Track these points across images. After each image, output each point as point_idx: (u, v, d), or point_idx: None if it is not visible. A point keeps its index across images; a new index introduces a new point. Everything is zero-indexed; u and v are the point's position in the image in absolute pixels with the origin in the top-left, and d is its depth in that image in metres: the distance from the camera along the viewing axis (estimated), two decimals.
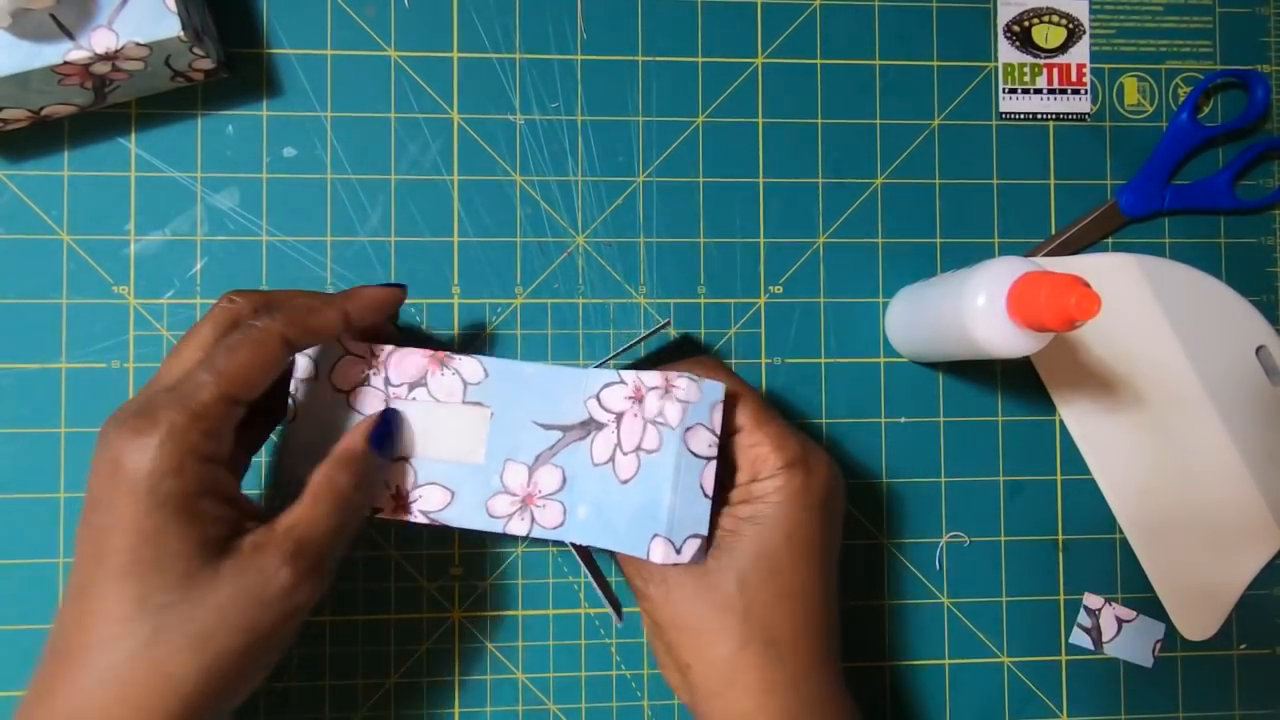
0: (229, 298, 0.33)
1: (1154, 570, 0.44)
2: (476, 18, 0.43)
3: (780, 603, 0.33)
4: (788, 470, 0.34)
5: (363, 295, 0.35)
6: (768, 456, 0.34)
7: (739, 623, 0.33)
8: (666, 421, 0.34)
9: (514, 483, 0.36)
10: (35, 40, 0.35)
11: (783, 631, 0.33)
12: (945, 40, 0.45)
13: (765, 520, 0.33)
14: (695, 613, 0.33)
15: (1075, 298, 0.31)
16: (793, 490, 0.33)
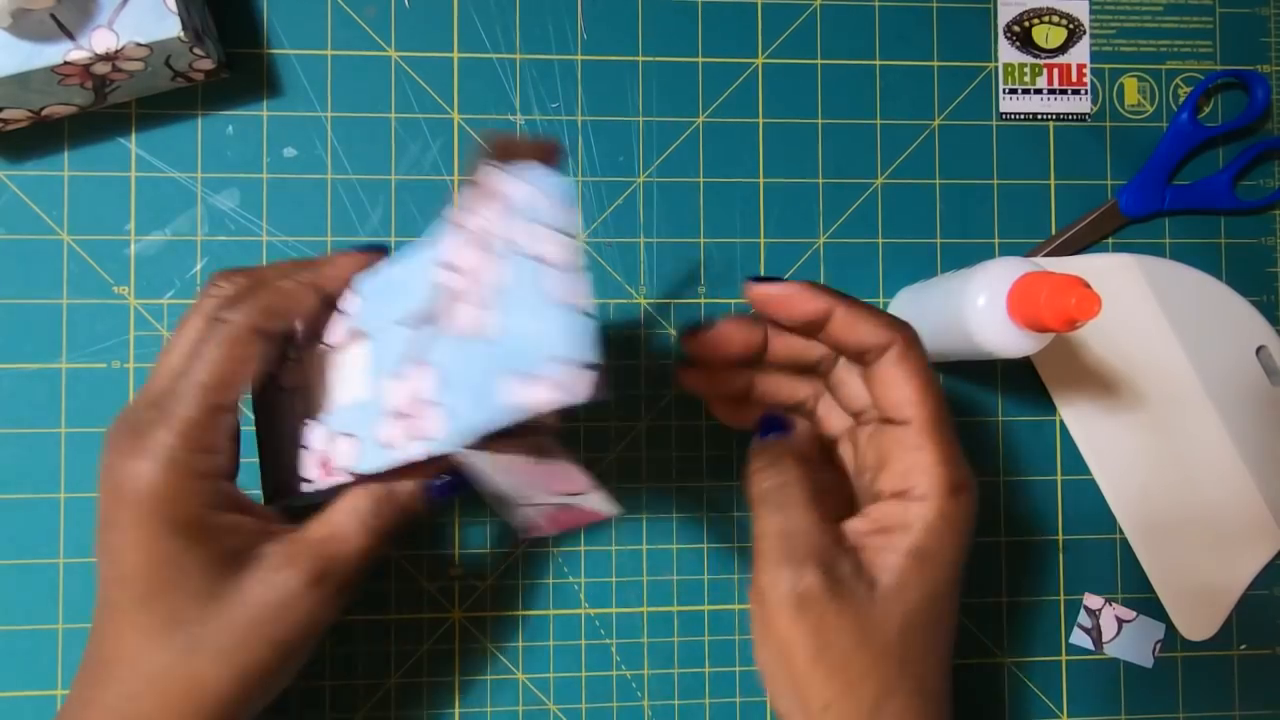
0: (215, 283, 0.32)
1: (1154, 570, 0.44)
2: (477, 18, 0.43)
3: (935, 650, 0.30)
4: (956, 498, 0.29)
5: (342, 262, 0.33)
6: (931, 470, 0.29)
7: (896, 669, 0.28)
8: (517, 245, 0.27)
9: (395, 402, 0.30)
10: (35, 40, 0.35)
11: (933, 682, 0.30)
12: (945, 40, 0.45)
13: (934, 558, 0.29)
14: (849, 654, 0.28)
15: (1075, 298, 0.31)
16: (959, 523, 0.29)
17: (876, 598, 0.28)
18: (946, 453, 0.29)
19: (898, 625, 0.28)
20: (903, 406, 0.30)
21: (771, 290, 0.31)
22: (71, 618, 0.40)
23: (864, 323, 0.30)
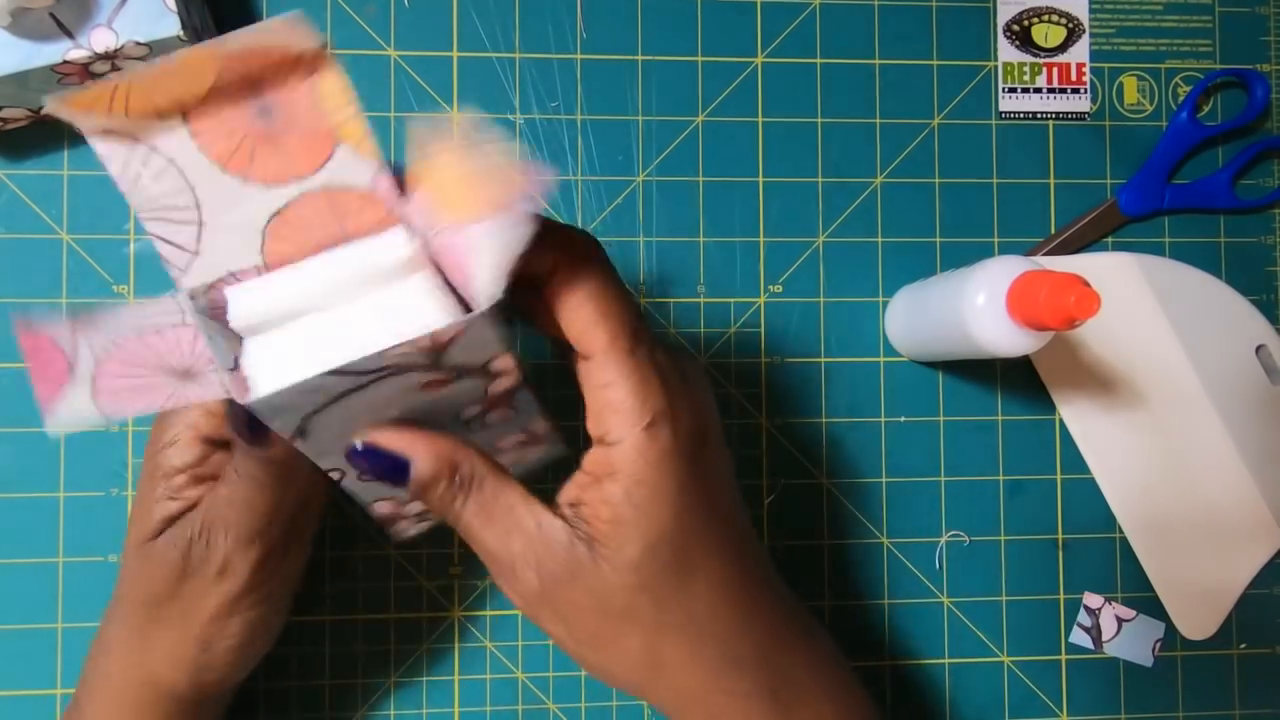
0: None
1: (1154, 570, 0.44)
2: (476, 17, 0.43)
3: (685, 582, 0.27)
4: (652, 432, 0.26)
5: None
6: (620, 408, 0.26)
7: (651, 616, 0.27)
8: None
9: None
10: (35, 39, 0.35)
11: (702, 609, 0.28)
12: (945, 40, 0.45)
13: (648, 502, 0.26)
14: (598, 626, 0.27)
15: (1075, 297, 0.31)
16: (666, 457, 0.26)
17: (600, 559, 0.26)
18: (634, 385, 0.26)
19: (631, 579, 0.26)
20: (582, 337, 0.26)
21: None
22: (71, 618, 0.40)
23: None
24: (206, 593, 0.31)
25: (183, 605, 0.31)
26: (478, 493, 0.27)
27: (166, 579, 0.31)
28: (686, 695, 0.28)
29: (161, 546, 0.31)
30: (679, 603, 0.27)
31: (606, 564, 0.26)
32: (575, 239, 0.26)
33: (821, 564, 0.43)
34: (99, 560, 0.40)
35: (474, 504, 0.27)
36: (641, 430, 0.26)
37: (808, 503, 0.43)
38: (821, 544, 0.43)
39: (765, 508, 0.43)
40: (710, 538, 0.28)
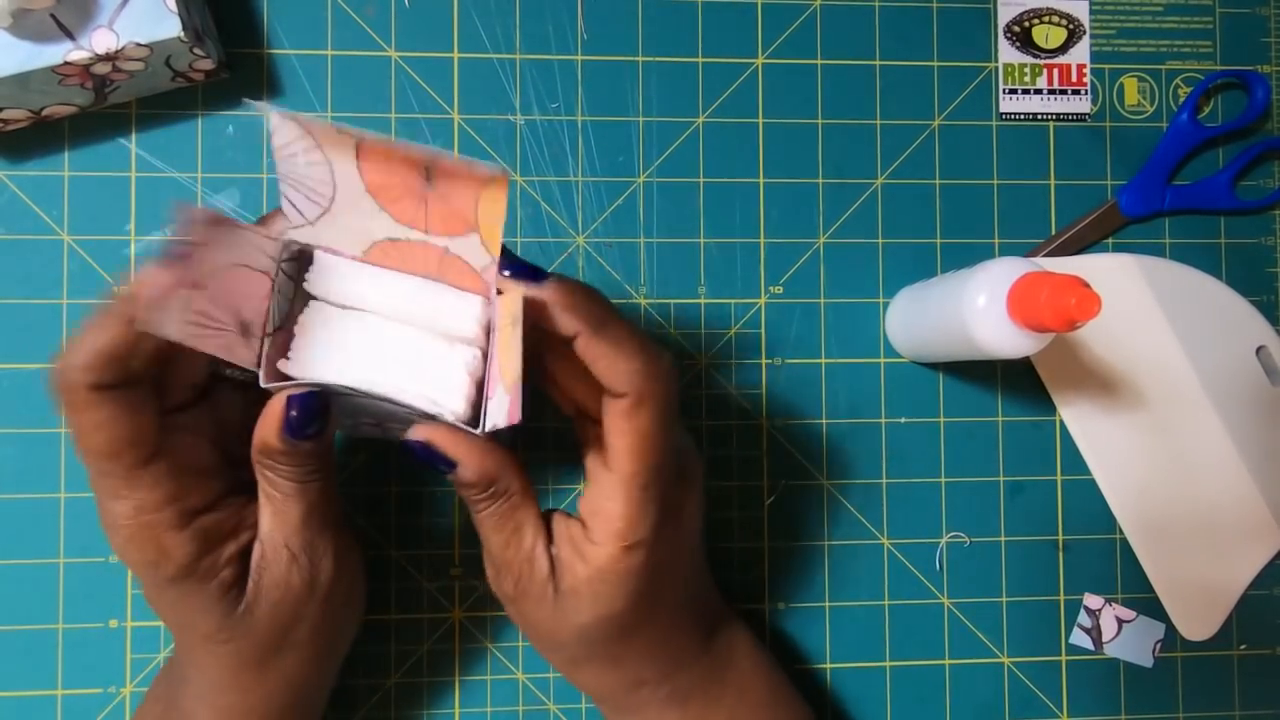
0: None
1: (1154, 570, 0.44)
2: (476, 18, 0.43)
3: (623, 643, 0.33)
4: (627, 555, 0.30)
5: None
6: (612, 522, 0.30)
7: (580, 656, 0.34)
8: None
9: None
10: (36, 40, 0.35)
11: (624, 654, 0.33)
12: (945, 40, 0.45)
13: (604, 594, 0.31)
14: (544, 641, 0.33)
15: (1075, 298, 0.31)
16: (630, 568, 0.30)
17: (559, 609, 0.31)
18: (633, 512, 0.29)
19: (574, 636, 0.32)
20: (613, 455, 0.30)
21: (528, 293, 0.28)
22: (71, 618, 0.40)
23: (604, 361, 0.28)
24: (330, 597, 0.32)
25: (310, 622, 0.32)
26: (502, 504, 0.31)
27: (284, 617, 0.31)
28: (598, 694, 0.36)
29: (259, 601, 0.30)
30: (608, 653, 0.33)
31: (562, 614, 0.31)
32: (651, 376, 0.29)
33: (821, 564, 0.43)
34: (99, 561, 0.40)
35: (495, 511, 0.31)
36: (621, 548, 0.30)
37: (808, 503, 0.43)
38: (821, 544, 0.43)
39: (765, 508, 0.43)
40: (653, 612, 0.32)
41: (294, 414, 0.28)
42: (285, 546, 0.30)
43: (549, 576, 0.31)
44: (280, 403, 0.28)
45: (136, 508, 0.28)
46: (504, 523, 0.31)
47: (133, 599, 0.40)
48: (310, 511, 0.30)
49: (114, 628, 0.40)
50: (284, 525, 0.30)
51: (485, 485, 0.30)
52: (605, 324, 0.28)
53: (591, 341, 0.28)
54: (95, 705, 0.40)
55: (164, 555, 0.29)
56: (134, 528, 0.28)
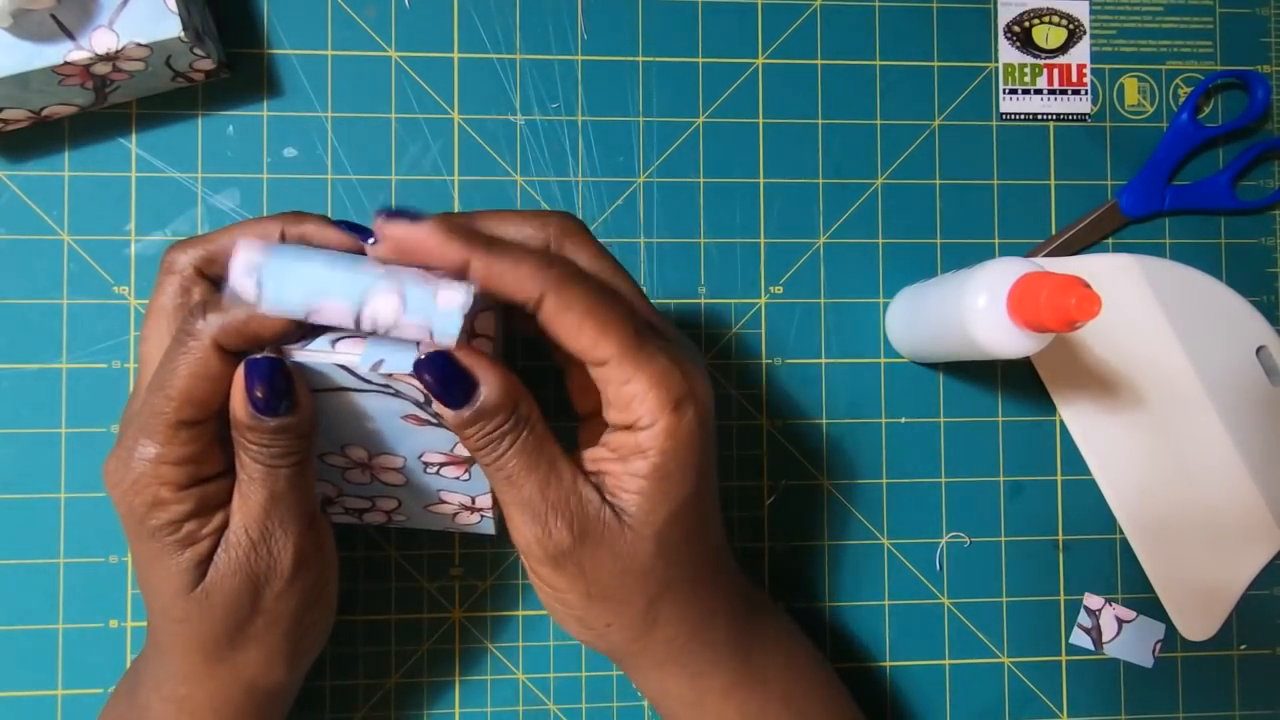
0: (170, 256, 0.31)
1: (1154, 570, 0.44)
2: (476, 18, 0.43)
3: (699, 542, 0.31)
4: (679, 413, 0.28)
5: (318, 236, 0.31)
6: (646, 397, 0.28)
7: (662, 576, 0.30)
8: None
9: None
10: (36, 40, 0.35)
11: (704, 570, 0.31)
12: (945, 40, 0.45)
13: (675, 474, 0.28)
14: (613, 584, 0.30)
15: (1075, 298, 0.31)
16: (688, 433, 0.28)
17: (626, 526, 0.29)
18: (655, 375, 0.27)
19: (652, 546, 0.29)
20: (590, 352, 0.27)
21: (399, 233, 0.26)
22: (71, 618, 0.40)
23: (507, 274, 0.26)
24: (287, 593, 0.31)
25: (266, 617, 0.31)
26: (529, 435, 0.28)
27: (240, 606, 0.30)
28: (671, 647, 0.32)
29: (216, 583, 0.30)
30: (688, 560, 0.30)
31: (632, 531, 0.29)
32: (546, 267, 0.27)
33: (821, 564, 0.43)
34: (99, 560, 0.40)
35: (522, 446, 0.28)
36: (671, 413, 0.28)
37: (808, 503, 0.43)
38: (821, 544, 0.43)
39: (765, 508, 0.43)
40: (712, 500, 0.31)
41: (258, 392, 0.27)
42: (245, 531, 0.29)
43: (603, 501, 0.28)
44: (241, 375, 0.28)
45: (158, 456, 0.28)
46: (537, 459, 0.28)
47: (133, 599, 0.40)
48: (273, 500, 0.29)
49: (114, 628, 0.40)
50: (246, 509, 0.29)
51: (510, 409, 0.27)
52: (491, 245, 0.26)
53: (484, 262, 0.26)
54: (95, 705, 0.40)
55: (158, 505, 0.28)
56: (145, 473, 0.28)
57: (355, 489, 0.36)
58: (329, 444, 0.33)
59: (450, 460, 0.33)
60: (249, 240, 0.27)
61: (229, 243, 0.31)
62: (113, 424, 0.40)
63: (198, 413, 0.28)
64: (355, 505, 0.37)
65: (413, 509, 0.37)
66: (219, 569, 0.29)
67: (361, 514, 0.37)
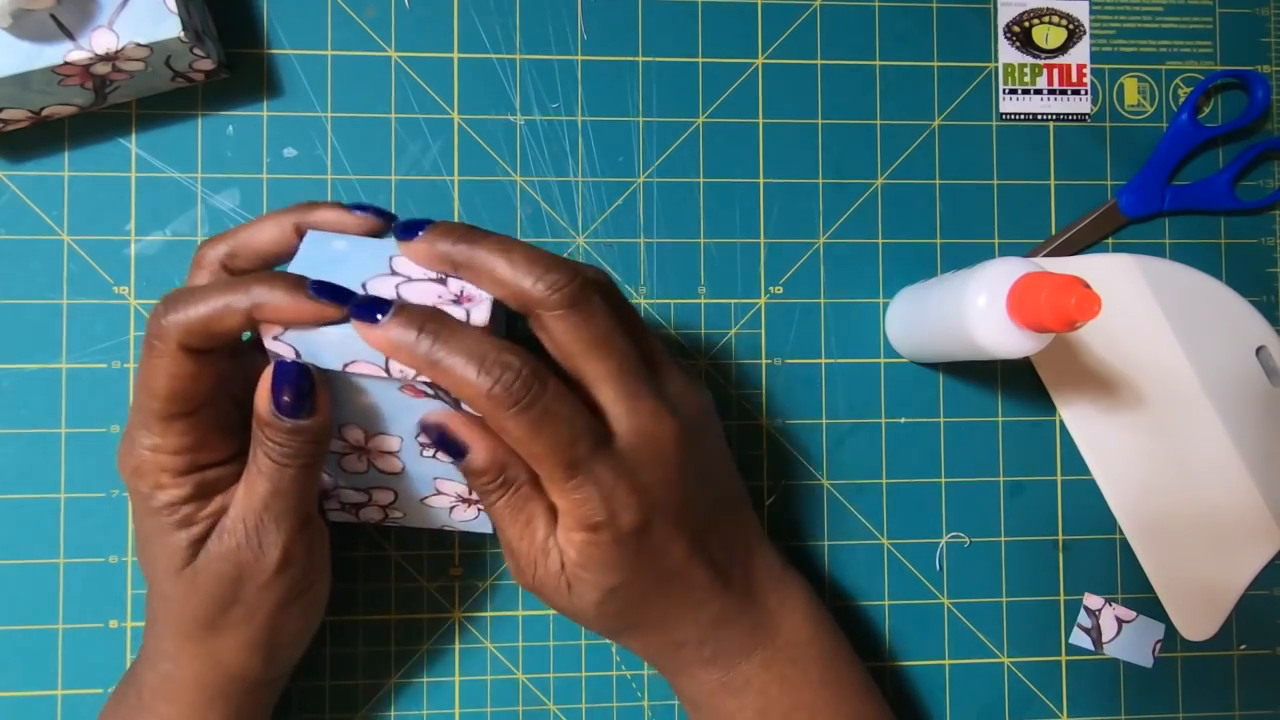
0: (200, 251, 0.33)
1: (1154, 570, 0.44)
2: (476, 18, 0.43)
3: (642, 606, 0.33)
4: (591, 535, 0.30)
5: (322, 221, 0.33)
6: (565, 517, 0.31)
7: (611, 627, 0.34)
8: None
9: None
10: (36, 41, 0.35)
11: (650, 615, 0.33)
12: (945, 40, 0.45)
13: (591, 575, 0.31)
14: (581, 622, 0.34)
15: (1075, 298, 0.31)
16: (603, 550, 0.31)
17: (572, 595, 0.32)
18: (572, 505, 0.30)
19: (593, 614, 0.32)
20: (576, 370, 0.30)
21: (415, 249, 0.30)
22: (71, 618, 0.40)
23: (450, 385, 0.28)
24: (270, 587, 0.32)
25: (246, 607, 0.32)
26: (513, 495, 0.31)
27: (222, 592, 0.31)
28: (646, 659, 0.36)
29: (205, 566, 0.31)
30: (631, 623, 0.33)
31: (578, 598, 0.32)
32: (485, 392, 0.28)
33: (821, 564, 0.43)
34: (99, 560, 0.40)
35: (506, 502, 0.31)
36: (585, 532, 0.30)
37: (808, 503, 0.43)
38: (821, 544, 0.43)
39: (765, 508, 0.43)
40: (663, 579, 0.32)
41: (285, 396, 0.29)
42: (242, 521, 0.31)
43: (560, 567, 0.31)
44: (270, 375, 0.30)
45: (155, 446, 0.30)
46: (517, 515, 0.31)
47: (133, 599, 0.40)
48: (275, 495, 0.30)
49: (114, 628, 0.40)
50: (248, 499, 0.31)
51: (496, 473, 0.30)
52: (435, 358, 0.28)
53: (431, 374, 0.28)
54: (95, 705, 0.40)
55: (159, 488, 0.30)
56: (146, 460, 0.30)
57: (351, 480, 0.35)
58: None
59: None
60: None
61: (249, 236, 0.32)
62: (113, 424, 0.40)
63: (185, 405, 0.30)
64: (351, 499, 0.36)
65: (409, 502, 0.36)
66: (210, 553, 0.31)
67: (358, 509, 0.37)
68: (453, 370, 0.28)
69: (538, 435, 0.29)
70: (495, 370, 0.28)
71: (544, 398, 0.28)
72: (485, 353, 0.28)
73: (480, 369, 0.28)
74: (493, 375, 0.28)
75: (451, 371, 0.28)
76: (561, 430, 0.29)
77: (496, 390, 0.28)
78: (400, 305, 0.28)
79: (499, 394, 0.28)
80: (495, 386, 0.28)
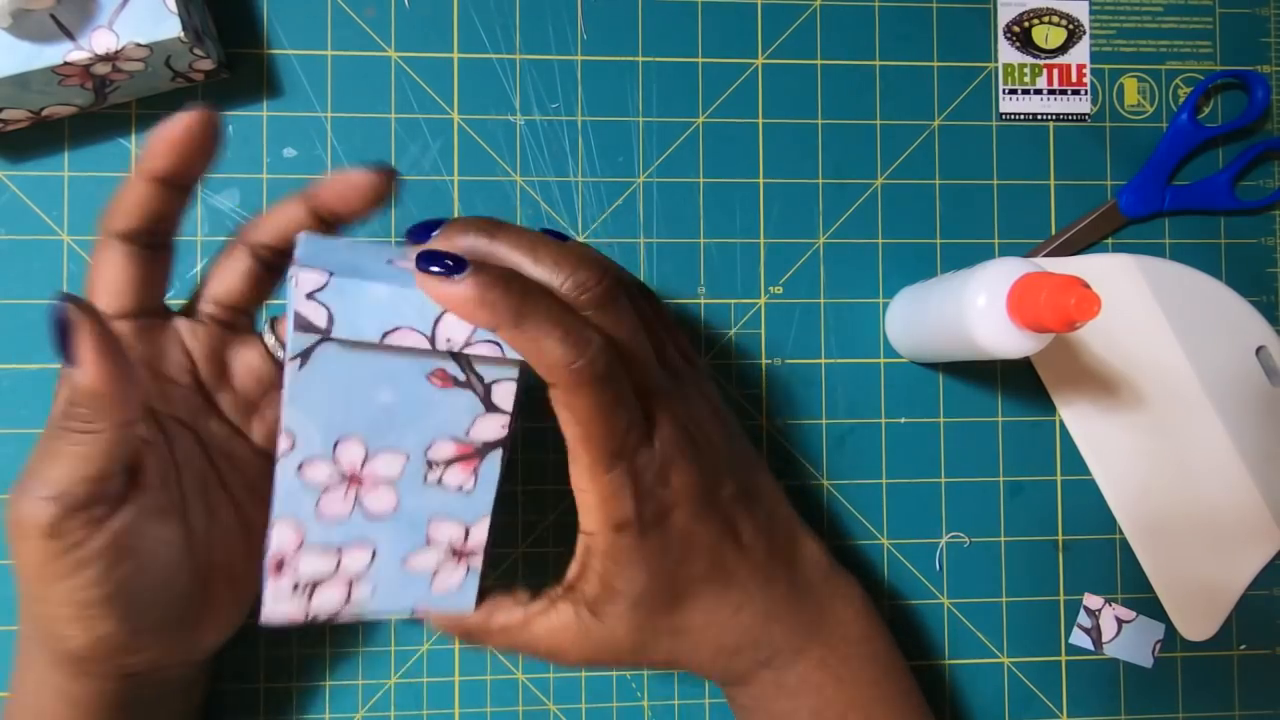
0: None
1: (1154, 570, 0.44)
2: (476, 18, 0.43)
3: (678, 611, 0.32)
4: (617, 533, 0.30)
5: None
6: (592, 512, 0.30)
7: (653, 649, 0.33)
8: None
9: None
10: (35, 41, 0.35)
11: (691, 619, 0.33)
12: (945, 40, 0.45)
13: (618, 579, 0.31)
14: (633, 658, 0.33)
15: (1075, 298, 0.31)
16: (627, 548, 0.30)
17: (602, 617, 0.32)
18: (605, 497, 0.29)
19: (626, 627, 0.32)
20: (571, 448, 0.29)
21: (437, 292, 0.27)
22: None
23: (528, 354, 0.27)
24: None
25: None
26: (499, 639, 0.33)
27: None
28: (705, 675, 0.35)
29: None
30: (673, 625, 0.32)
31: (608, 619, 0.31)
32: (576, 357, 0.27)
33: None
34: None
35: (500, 637, 0.33)
36: (610, 531, 0.30)
37: (808, 503, 0.43)
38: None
39: None
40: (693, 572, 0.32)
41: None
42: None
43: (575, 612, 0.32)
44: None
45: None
46: (512, 640, 0.33)
47: None
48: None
49: None
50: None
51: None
52: (523, 316, 0.27)
53: (512, 335, 0.27)
54: None
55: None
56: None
57: (325, 531, 0.31)
58: (323, 438, 0.29)
59: (461, 452, 0.31)
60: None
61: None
62: None
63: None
64: (314, 570, 0.31)
65: (386, 567, 0.32)
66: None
67: (315, 589, 0.31)
68: (539, 335, 0.26)
69: (602, 417, 0.27)
70: (582, 344, 0.27)
71: (617, 382, 0.28)
72: (570, 323, 0.27)
73: (566, 339, 0.26)
74: (579, 348, 0.27)
75: (539, 336, 0.26)
76: (621, 417, 0.28)
77: (581, 364, 0.27)
78: (478, 262, 0.26)
79: (582, 368, 0.27)
80: (581, 361, 0.27)
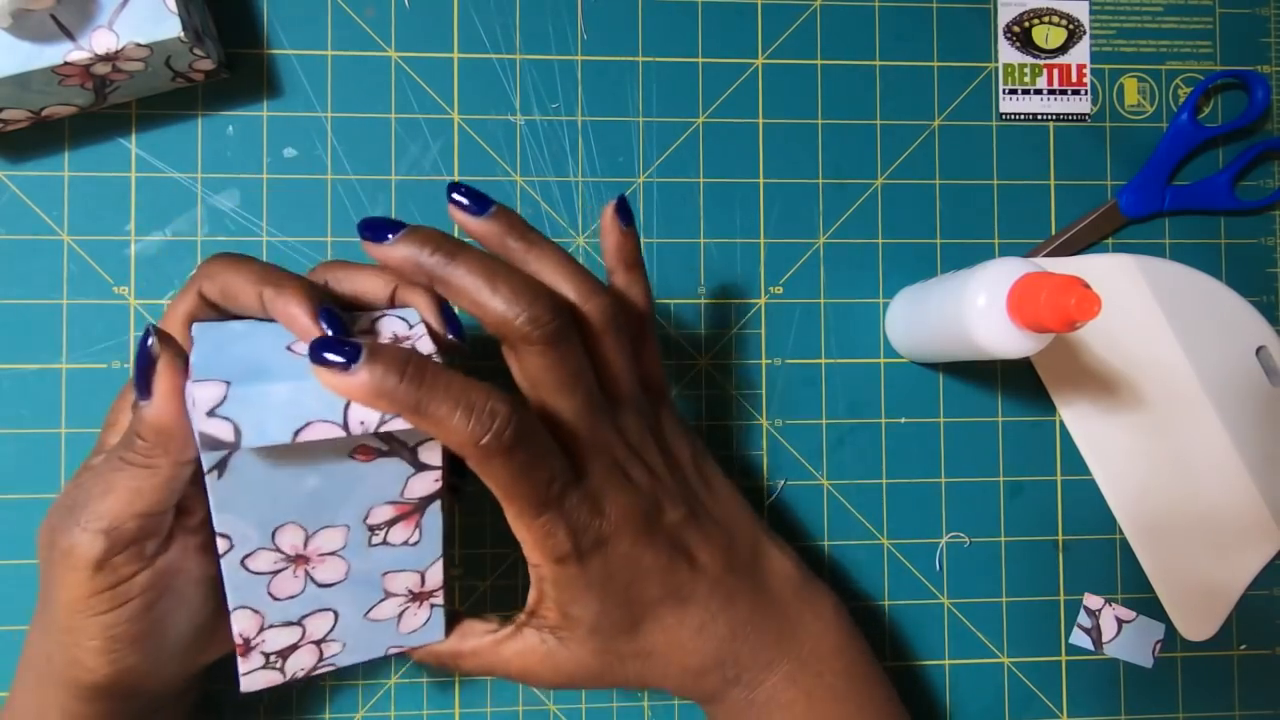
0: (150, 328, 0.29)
1: (1154, 570, 0.44)
2: (476, 18, 0.43)
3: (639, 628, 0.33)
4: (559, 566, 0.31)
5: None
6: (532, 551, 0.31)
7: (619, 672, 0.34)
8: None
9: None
10: (36, 41, 0.35)
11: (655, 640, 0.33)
12: (945, 40, 0.45)
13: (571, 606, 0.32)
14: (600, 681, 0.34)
15: (1075, 298, 0.31)
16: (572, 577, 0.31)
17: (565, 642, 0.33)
18: (538, 540, 0.30)
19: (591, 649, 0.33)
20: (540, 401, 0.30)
21: (331, 381, 0.26)
22: None
23: (435, 431, 0.27)
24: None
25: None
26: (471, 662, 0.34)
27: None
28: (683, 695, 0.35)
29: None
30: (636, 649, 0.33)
31: (570, 644, 0.32)
32: (475, 441, 0.27)
33: (821, 564, 0.43)
34: None
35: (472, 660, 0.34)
36: (552, 564, 0.31)
37: (808, 503, 0.43)
38: (821, 544, 0.43)
39: (765, 508, 0.43)
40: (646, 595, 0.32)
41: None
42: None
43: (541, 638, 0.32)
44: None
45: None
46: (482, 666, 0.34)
47: None
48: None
49: None
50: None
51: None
52: (423, 401, 0.27)
53: (415, 420, 0.27)
54: None
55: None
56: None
57: (284, 610, 0.31)
58: (260, 533, 0.29)
59: (400, 512, 0.31)
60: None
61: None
62: None
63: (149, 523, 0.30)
64: (279, 644, 0.32)
65: (351, 623, 0.32)
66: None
67: (286, 657, 0.32)
68: (442, 417, 0.27)
69: (520, 479, 0.28)
70: (487, 419, 0.27)
71: (531, 443, 0.28)
72: (474, 399, 0.27)
73: (470, 416, 0.27)
74: (484, 424, 0.27)
75: (441, 419, 0.27)
76: (541, 473, 0.29)
77: (489, 440, 0.27)
78: (373, 347, 0.26)
79: (490, 443, 0.27)
80: (488, 436, 0.27)
